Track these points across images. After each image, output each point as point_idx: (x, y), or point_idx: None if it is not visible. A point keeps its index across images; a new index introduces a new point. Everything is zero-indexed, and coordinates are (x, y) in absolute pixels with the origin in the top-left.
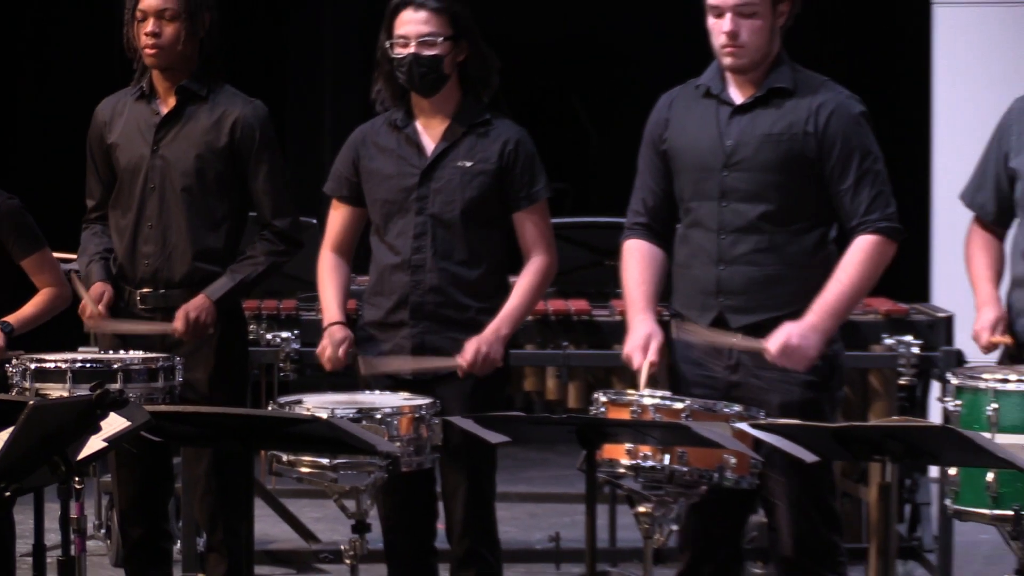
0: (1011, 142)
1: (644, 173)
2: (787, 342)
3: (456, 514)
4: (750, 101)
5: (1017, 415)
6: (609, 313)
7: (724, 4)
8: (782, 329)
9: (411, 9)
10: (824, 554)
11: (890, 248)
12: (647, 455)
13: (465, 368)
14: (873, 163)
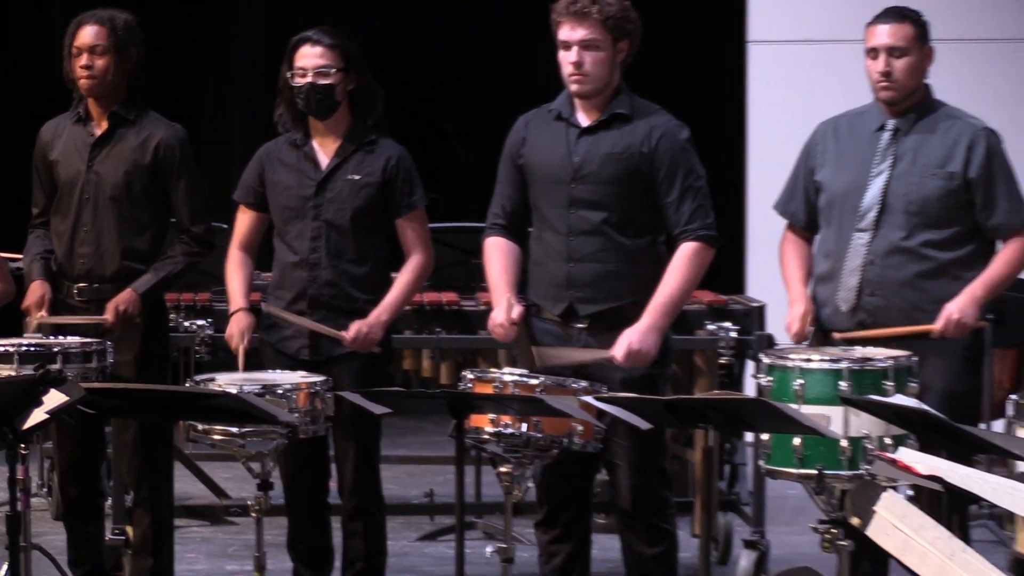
0: (817, 159)
1: (503, 183)
2: (629, 348)
3: (346, 474)
4: (595, 124)
5: (819, 389)
6: (475, 304)
7: (571, 39)
8: (624, 336)
9: (309, 45)
10: (657, 507)
11: (709, 253)
12: (507, 423)
13: (348, 342)
14: (695, 180)
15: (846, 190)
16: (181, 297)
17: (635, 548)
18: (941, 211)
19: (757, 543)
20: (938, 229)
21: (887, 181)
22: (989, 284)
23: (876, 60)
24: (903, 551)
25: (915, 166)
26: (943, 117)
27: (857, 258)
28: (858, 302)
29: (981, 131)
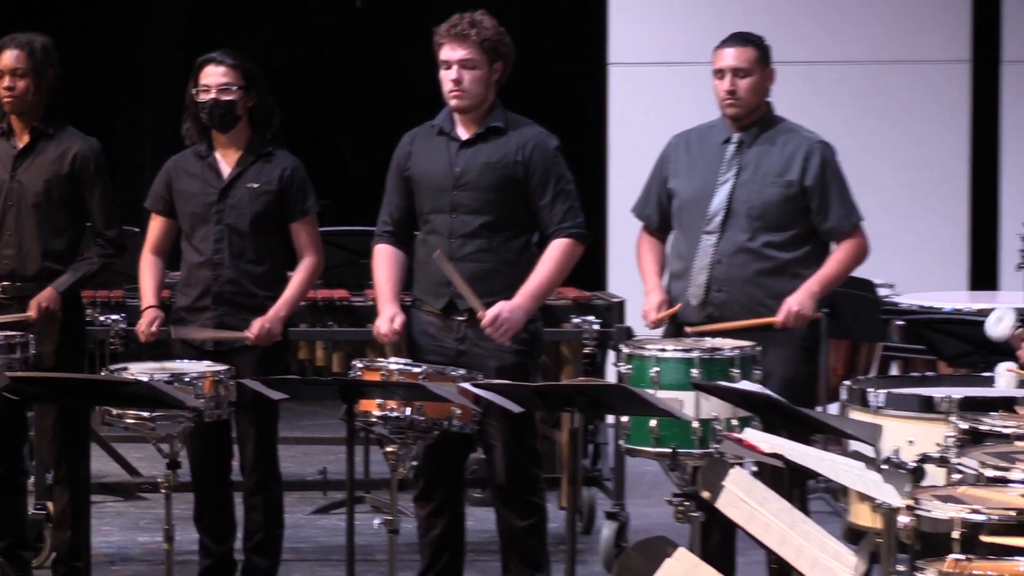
0: (670, 168)
1: (391, 193)
2: (498, 313)
3: (247, 454)
4: (473, 137)
5: (673, 376)
6: (363, 300)
7: (451, 59)
8: (496, 305)
9: (213, 64)
10: (528, 482)
11: (578, 249)
12: (393, 408)
13: (252, 340)
14: (565, 184)
15: (696, 196)
16: (97, 294)
17: (508, 520)
18: (780, 216)
19: (618, 515)
20: (778, 232)
21: (732, 188)
22: (824, 281)
23: (723, 80)
24: (749, 521)
25: (757, 175)
26: (783, 131)
27: (705, 258)
28: (707, 297)
29: (817, 144)
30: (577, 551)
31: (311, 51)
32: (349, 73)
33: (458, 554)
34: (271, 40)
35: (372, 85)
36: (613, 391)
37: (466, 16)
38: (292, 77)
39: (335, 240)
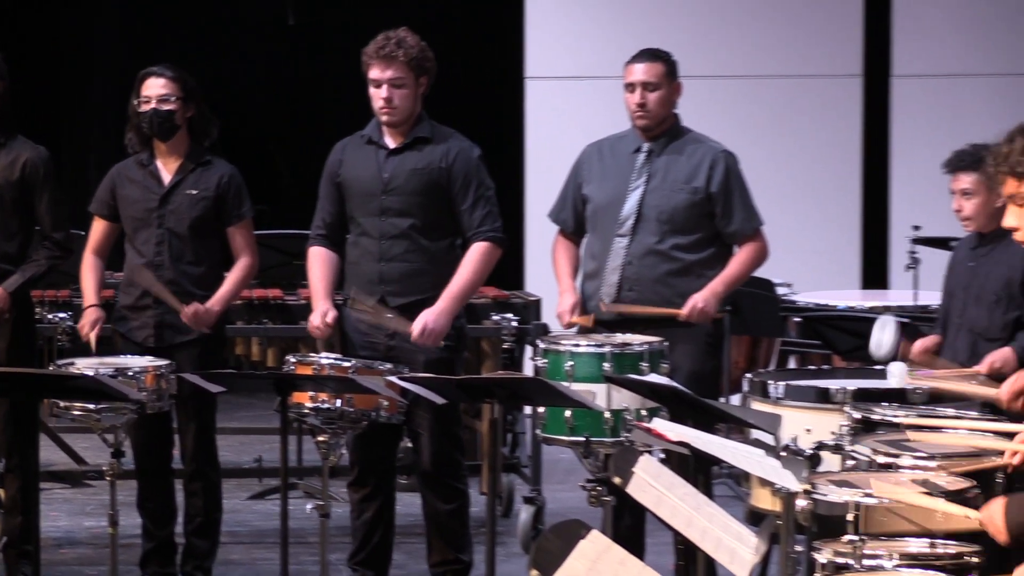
0: (584, 175)
1: (324, 199)
2: (425, 326)
3: (187, 443)
4: (400, 146)
5: (587, 370)
6: (297, 298)
7: (381, 78)
8: (421, 316)
9: (154, 77)
10: (452, 469)
11: (497, 251)
12: (324, 400)
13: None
14: (486, 191)
15: (608, 202)
16: (45, 294)
17: (433, 504)
18: (687, 220)
19: (535, 499)
20: (685, 235)
21: (642, 195)
22: (727, 281)
23: (633, 93)
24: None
25: (665, 182)
26: (690, 141)
27: (617, 259)
28: (618, 295)
29: (721, 153)
30: (497, 533)
31: (247, 65)
32: (282, 85)
33: (387, 536)
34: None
35: (304, 97)
36: (530, 384)
37: (392, 37)
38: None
39: (269, 243)
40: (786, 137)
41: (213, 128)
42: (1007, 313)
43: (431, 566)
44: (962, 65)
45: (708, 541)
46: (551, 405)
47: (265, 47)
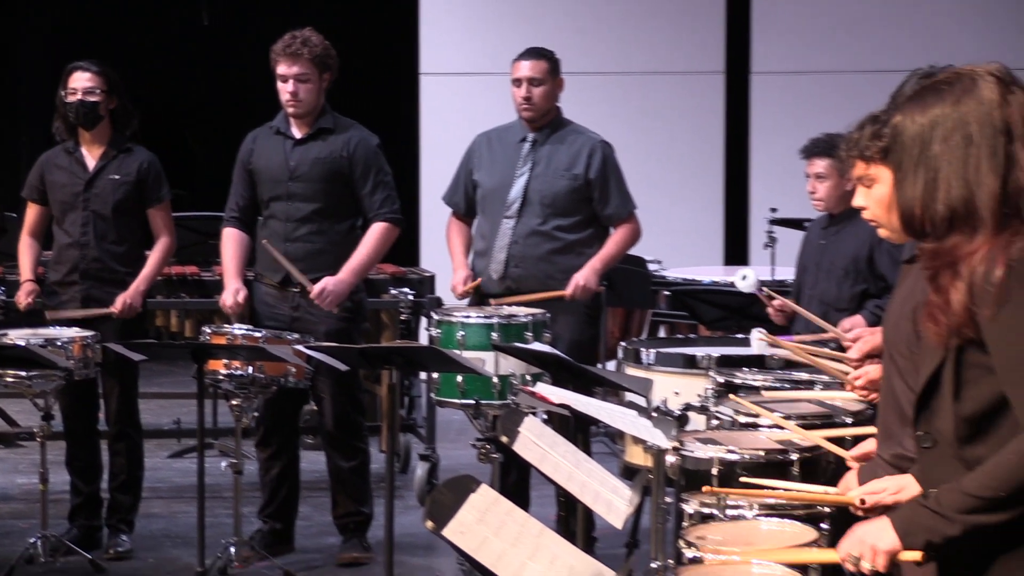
0: (474, 163)
1: (236, 184)
2: (324, 287)
3: (111, 406)
4: (305, 136)
5: (477, 339)
6: (212, 275)
7: (288, 74)
8: (323, 280)
9: (80, 71)
10: (354, 429)
11: (394, 231)
12: (237, 367)
13: (117, 314)
14: (384, 176)
15: (496, 187)
16: None
17: (337, 462)
18: (568, 203)
19: (430, 457)
20: (566, 217)
21: (527, 180)
22: (604, 259)
23: (520, 88)
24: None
25: (548, 169)
26: (570, 132)
27: (505, 239)
28: (505, 272)
29: (599, 143)
30: (395, 488)
31: (165, 60)
32: (197, 79)
33: (294, 491)
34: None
35: (217, 90)
36: (425, 352)
37: (298, 36)
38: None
39: (186, 224)
40: (657, 128)
41: (134, 118)
42: (854, 286)
43: (335, 518)
44: (816, 63)
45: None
46: (444, 371)
47: (182, 45)
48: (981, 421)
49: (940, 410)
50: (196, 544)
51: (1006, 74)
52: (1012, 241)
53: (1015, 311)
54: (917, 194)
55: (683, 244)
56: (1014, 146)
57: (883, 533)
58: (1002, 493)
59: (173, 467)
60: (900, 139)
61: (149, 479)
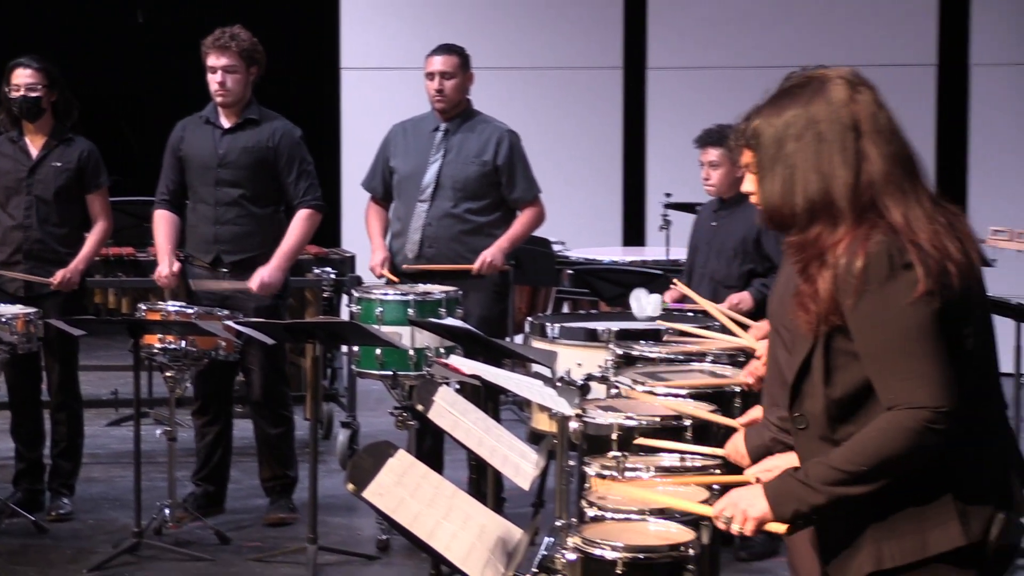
0: (391, 150)
1: (167, 170)
2: (261, 280)
3: (53, 379)
4: (233, 126)
5: (394, 314)
6: (146, 255)
7: (216, 65)
8: (257, 272)
9: (22, 68)
10: (280, 399)
11: (318, 216)
12: (171, 341)
13: (55, 285)
14: (307, 166)
15: (411, 173)
16: None
17: (264, 429)
18: (478, 188)
19: (351, 424)
20: (476, 201)
21: (440, 167)
22: (511, 239)
23: (433, 81)
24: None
25: (460, 156)
26: (480, 122)
27: (419, 220)
28: (420, 251)
29: (506, 132)
30: (319, 453)
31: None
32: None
33: (226, 456)
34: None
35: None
36: (346, 326)
37: (227, 30)
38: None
39: (123, 208)
40: (560, 119)
41: (74, 110)
42: (743, 265)
43: (262, 481)
44: (708, 59)
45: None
46: (364, 344)
47: (118, 41)
48: (849, 404)
49: (812, 394)
50: (133, 506)
51: (854, 76)
52: (870, 234)
53: (873, 300)
54: (776, 190)
55: (585, 226)
56: (863, 141)
57: (756, 500)
58: (864, 467)
59: (111, 434)
60: (759, 141)
61: (89, 446)
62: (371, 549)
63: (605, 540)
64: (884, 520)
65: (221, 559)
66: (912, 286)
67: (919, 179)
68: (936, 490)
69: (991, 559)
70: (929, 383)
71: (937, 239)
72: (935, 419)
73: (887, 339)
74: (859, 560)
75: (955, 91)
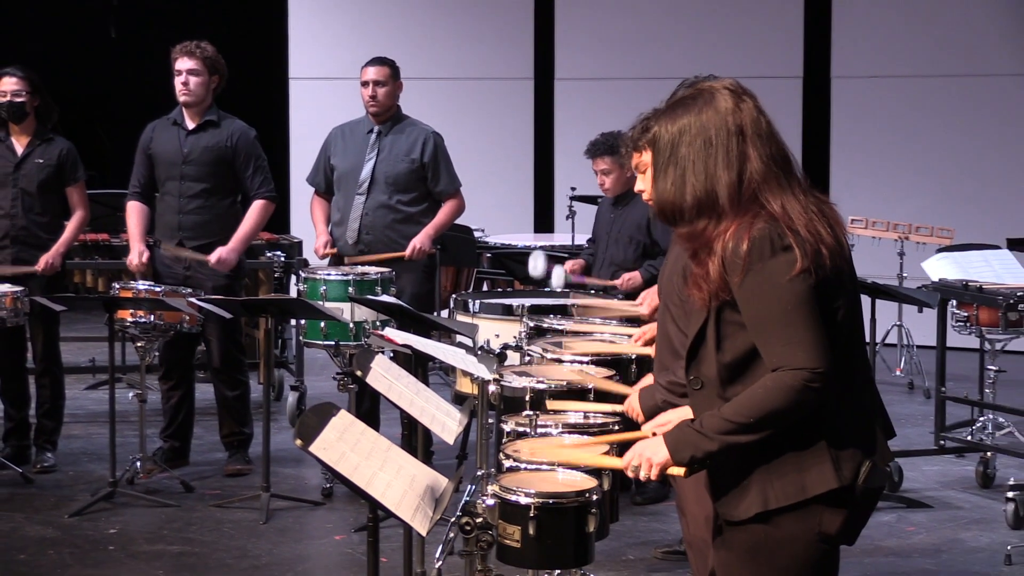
0: (332, 150)
1: (138, 166)
2: (220, 256)
3: (37, 348)
4: (196, 127)
5: (337, 292)
6: (120, 240)
7: (182, 68)
8: (217, 250)
9: (7, 76)
10: (236, 365)
11: (271, 206)
12: (141, 316)
13: (39, 271)
14: (262, 162)
15: (349, 169)
16: None
17: (222, 391)
18: (407, 183)
19: (299, 387)
20: (406, 193)
21: (374, 164)
22: (436, 226)
23: (367, 88)
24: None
25: (391, 155)
26: (408, 124)
27: (357, 211)
28: (359, 238)
29: (431, 133)
30: (271, 412)
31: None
32: (107, 81)
33: (189, 415)
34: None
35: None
36: (295, 303)
37: (195, 41)
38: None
39: (98, 199)
40: (479, 124)
41: (54, 113)
42: (637, 250)
43: (222, 437)
44: (611, 71)
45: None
46: (310, 318)
47: (94, 53)
48: (738, 367)
49: (706, 359)
50: (109, 460)
51: (738, 86)
52: (754, 222)
53: (756, 277)
54: (668, 187)
55: (501, 215)
56: (746, 144)
57: (658, 449)
58: (751, 419)
59: (89, 397)
60: (657, 145)
61: (69, 407)
62: (317, 496)
63: (520, 488)
64: (768, 464)
65: (186, 505)
66: (791, 265)
67: (794, 175)
68: (813, 440)
69: (859, 500)
70: (807, 348)
71: (812, 225)
72: (813, 379)
73: (770, 310)
74: (747, 501)
75: (818, 101)
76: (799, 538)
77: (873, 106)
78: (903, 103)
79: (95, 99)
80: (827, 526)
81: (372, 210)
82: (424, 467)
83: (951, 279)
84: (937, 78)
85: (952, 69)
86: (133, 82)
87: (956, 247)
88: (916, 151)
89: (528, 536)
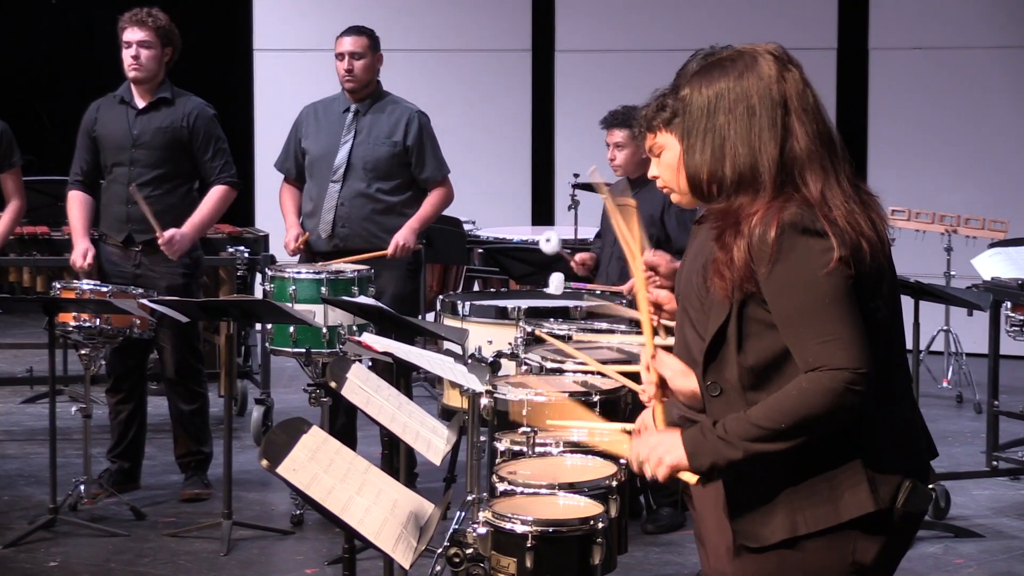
0: (303, 132)
1: (81, 150)
2: (172, 235)
3: None
4: (147, 106)
5: (307, 293)
6: (61, 234)
7: (132, 40)
8: (168, 232)
9: None
10: (194, 376)
11: (232, 193)
12: (86, 319)
13: None
14: (222, 144)
15: (323, 153)
16: None
17: (178, 405)
18: (389, 168)
19: (265, 401)
20: (387, 181)
21: (351, 147)
22: (421, 218)
23: (342, 61)
24: (366, 404)
25: (370, 137)
26: (390, 102)
27: (332, 201)
28: (333, 231)
29: (416, 113)
30: (233, 429)
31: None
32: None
33: (140, 432)
34: None
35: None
36: (260, 304)
37: (145, 8)
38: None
39: (37, 187)
40: (470, 101)
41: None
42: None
43: (177, 457)
44: (615, 42)
45: (408, 433)
46: (278, 322)
47: (33, 23)
48: (762, 371)
49: (726, 361)
50: (49, 483)
51: (783, 53)
52: (785, 206)
53: (786, 268)
54: (705, 159)
55: (495, 206)
56: (790, 118)
57: (674, 447)
58: (783, 425)
59: (26, 412)
60: (688, 110)
61: (4, 423)
62: (285, 524)
63: (516, 514)
64: (797, 487)
65: (136, 534)
66: (827, 254)
67: (839, 159)
68: (846, 457)
69: (898, 525)
70: (849, 346)
71: (852, 217)
72: (855, 380)
73: (804, 304)
74: (773, 525)
75: (855, 74)
76: (830, 567)
77: (916, 82)
78: (950, 78)
79: (34, 74)
80: (862, 555)
81: (348, 199)
82: (407, 491)
83: (1005, 278)
84: (987, 49)
85: (1004, 40)
86: (76, 55)
87: (1011, 241)
88: (965, 133)
89: (525, 569)
